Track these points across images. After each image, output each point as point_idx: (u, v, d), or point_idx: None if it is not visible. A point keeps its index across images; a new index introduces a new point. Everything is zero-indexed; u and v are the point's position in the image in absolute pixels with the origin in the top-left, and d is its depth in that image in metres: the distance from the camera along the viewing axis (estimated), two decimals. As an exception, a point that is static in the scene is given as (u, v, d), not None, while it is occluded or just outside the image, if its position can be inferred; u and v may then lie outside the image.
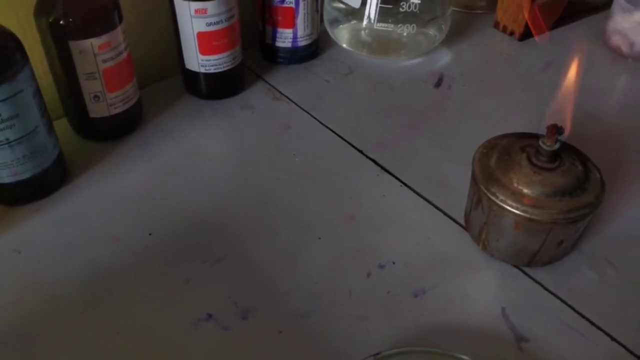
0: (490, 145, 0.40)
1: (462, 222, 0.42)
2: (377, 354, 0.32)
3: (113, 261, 0.39)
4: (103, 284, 0.38)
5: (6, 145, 0.40)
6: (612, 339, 0.35)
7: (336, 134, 0.50)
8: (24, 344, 0.35)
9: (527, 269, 0.39)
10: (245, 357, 0.34)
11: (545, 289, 0.38)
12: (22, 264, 0.39)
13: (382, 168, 0.46)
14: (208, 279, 0.38)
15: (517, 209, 0.36)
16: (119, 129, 0.49)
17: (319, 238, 0.41)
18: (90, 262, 0.39)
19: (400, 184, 0.45)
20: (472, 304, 0.37)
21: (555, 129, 0.36)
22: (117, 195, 0.44)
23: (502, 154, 0.39)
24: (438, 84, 0.56)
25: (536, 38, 0.52)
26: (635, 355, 0.34)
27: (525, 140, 0.39)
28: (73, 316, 0.36)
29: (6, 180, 0.41)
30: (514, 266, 0.39)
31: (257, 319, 0.36)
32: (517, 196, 0.36)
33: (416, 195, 0.44)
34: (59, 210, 0.43)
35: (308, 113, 0.52)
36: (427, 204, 0.43)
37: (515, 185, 0.37)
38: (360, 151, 0.48)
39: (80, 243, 0.41)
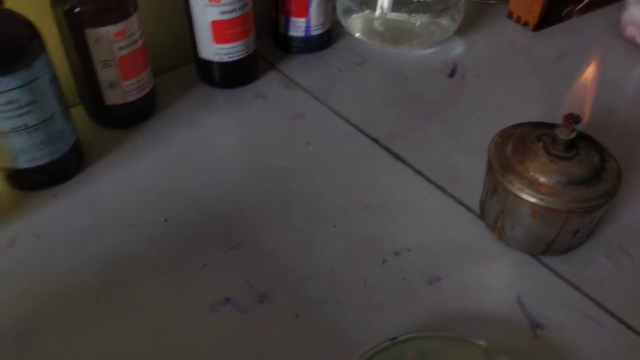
0: (506, 134, 0.40)
1: (477, 211, 0.42)
2: (394, 338, 0.32)
3: (129, 247, 0.40)
4: (120, 269, 0.38)
5: (24, 131, 0.40)
6: (628, 327, 0.35)
7: (350, 123, 0.50)
8: (42, 328, 0.35)
9: (542, 258, 0.39)
10: (262, 340, 0.35)
11: (561, 277, 0.38)
12: (41, 248, 0.40)
13: (396, 157, 0.46)
14: (224, 265, 0.38)
15: (533, 197, 0.36)
16: (134, 117, 0.49)
17: (334, 226, 0.41)
18: (107, 248, 0.40)
19: (415, 172, 0.45)
20: (487, 292, 0.37)
21: (572, 119, 0.36)
22: (133, 182, 0.45)
23: (517, 143, 0.39)
24: (452, 74, 0.56)
25: None
26: (650, 343, 0.34)
27: (541, 130, 0.39)
28: (90, 300, 0.37)
29: (25, 166, 0.42)
30: (530, 255, 0.39)
31: (274, 303, 0.36)
32: (533, 185, 0.36)
33: (431, 184, 0.44)
34: (76, 196, 0.43)
35: (321, 102, 0.52)
36: (442, 192, 0.44)
37: (532, 174, 0.37)
38: (374, 140, 0.48)
39: (97, 229, 0.41)
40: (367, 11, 0.59)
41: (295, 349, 0.34)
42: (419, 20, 0.58)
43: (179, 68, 0.55)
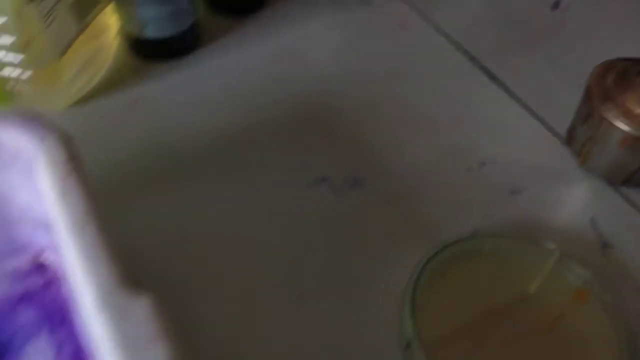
0: (608, 66, 0.41)
1: (564, 138, 0.43)
2: (475, 231, 0.35)
3: (237, 121, 0.44)
4: (225, 142, 0.42)
5: (152, 3, 0.44)
6: (695, 260, 0.37)
7: (450, 39, 0.51)
8: (155, 184, 0.40)
9: (621, 188, 0.41)
10: (353, 219, 0.39)
11: (637, 207, 0.40)
12: (158, 112, 0.44)
13: (492, 77, 0.48)
14: (324, 149, 0.42)
15: (627, 126, 0.37)
16: (247, 7, 0.52)
17: (425, 132, 0.44)
18: (217, 121, 0.44)
19: (509, 94, 0.47)
20: (563, 209, 0.40)
21: (680, 57, 0.37)
22: (242, 66, 0.48)
23: (619, 74, 0.40)
24: (555, 6, 0.55)
25: None
26: None
27: (645, 65, 0.40)
28: (195, 169, 0.41)
29: (150, 36, 0.46)
30: (609, 183, 0.41)
31: (366, 188, 0.40)
32: (629, 114, 0.38)
33: (523, 106, 0.46)
34: (190, 72, 0.47)
35: (424, 16, 0.53)
36: (532, 115, 0.45)
37: (629, 104, 0.38)
38: (472, 59, 0.49)
39: (208, 102, 0.45)
40: None
41: (381, 231, 0.38)
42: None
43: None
